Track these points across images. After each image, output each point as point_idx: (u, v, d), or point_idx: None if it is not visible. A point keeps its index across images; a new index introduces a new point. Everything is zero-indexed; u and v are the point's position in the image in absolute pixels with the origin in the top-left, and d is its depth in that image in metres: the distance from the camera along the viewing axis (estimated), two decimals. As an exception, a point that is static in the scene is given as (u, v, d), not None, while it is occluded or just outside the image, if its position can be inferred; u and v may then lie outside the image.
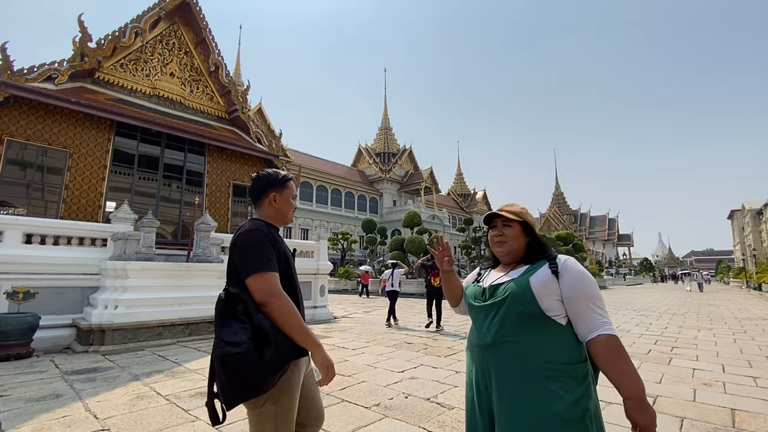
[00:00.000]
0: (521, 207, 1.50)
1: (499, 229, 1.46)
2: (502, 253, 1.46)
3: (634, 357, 5.75)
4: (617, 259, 79.91)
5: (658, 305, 15.62)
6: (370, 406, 3.60)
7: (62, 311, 7.12)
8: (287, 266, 1.57)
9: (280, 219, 1.70)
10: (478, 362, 1.36)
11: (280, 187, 1.68)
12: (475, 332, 1.41)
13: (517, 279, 1.35)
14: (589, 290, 1.28)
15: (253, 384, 1.34)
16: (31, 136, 7.93)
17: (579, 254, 34.34)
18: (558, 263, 1.33)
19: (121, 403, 3.69)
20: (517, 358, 1.26)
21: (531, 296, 1.28)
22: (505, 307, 1.30)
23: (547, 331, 1.27)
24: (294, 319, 1.43)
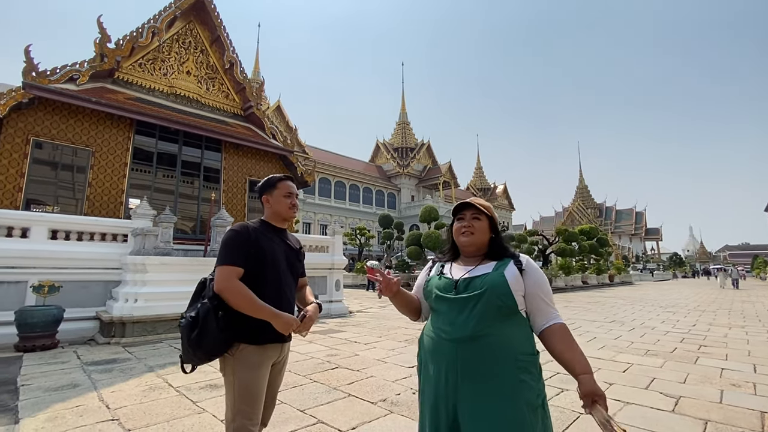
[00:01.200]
0: (488, 203, 1.57)
1: (468, 221, 1.51)
2: (467, 243, 1.49)
3: (658, 355, 5.49)
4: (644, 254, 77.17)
5: (687, 302, 14.97)
6: (376, 401, 3.55)
7: (86, 304, 7.38)
8: (262, 260, 1.75)
9: (277, 216, 1.90)
10: (449, 354, 1.35)
11: (271, 189, 1.89)
12: (446, 325, 1.39)
13: (492, 273, 1.40)
14: (546, 287, 1.43)
15: (187, 353, 1.66)
16: (56, 135, 8.22)
17: (604, 248, 33.29)
18: (522, 261, 1.43)
19: (134, 393, 3.77)
20: (494, 350, 1.30)
21: (508, 290, 1.35)
22: (484, 300, 1.34)
23: (516, 325, 1.36)
24: (243, 301, 1.64)
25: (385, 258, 27.32)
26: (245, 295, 1.66)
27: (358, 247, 34.01)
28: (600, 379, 4.24)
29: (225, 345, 1.69)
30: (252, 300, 1.65)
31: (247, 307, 1.65)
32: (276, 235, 1.89)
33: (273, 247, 1.82)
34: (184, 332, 1.64)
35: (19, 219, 7.06)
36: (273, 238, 1.86)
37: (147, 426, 2.98)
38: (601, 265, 31.64)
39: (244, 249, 1.72)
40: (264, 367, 1.75)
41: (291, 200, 1.92)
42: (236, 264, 1.69)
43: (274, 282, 1.78)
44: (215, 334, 1.64)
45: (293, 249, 1.96)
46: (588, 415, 1.25)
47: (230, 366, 1.71)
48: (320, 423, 3.05)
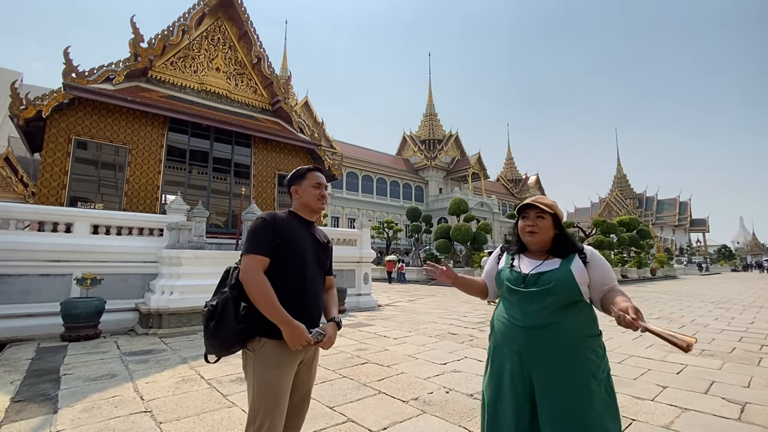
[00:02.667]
0: (552, 201, 1.67)
1: (532, 220, 1.64)
2: (532, 242, 1.64)
3: (715, 356, 5.03)
4: (689, 246, 72.77)
5: (741, 297, 13.87)
6: (408, 399, 3.40)
7: (126, 296, 7.67)
8: (285, 252, 1.68)
9: (305, 207, 1.83)
10: (521, 339, 1.53)
11: (300, 179, 1.83)
12: (517, 314, 1.57)
13: (559, 269, 1.56)
14: (610, 275, 1.59)
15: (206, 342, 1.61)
16: (95, 134, 8.56)
17: (645, 241, 31.55)
18: (586, 254, 1.60)
19: (167, 385, 3.81)
20: (561, 335, 1.49)
21: (576, 286, 1.53)
22: (553, 295, 1.52)
23: (580, 311, 1.55)
24: (261, 297, 1.56)
25: (413, 251, 27.10)
26: (265, 292, 1.58)
27: (386, 241, 33.97)
28: (652, 381, 3.90)
29: (242, 338, 1.61)
30: (269, 298, 1.58)
31: (262, 304, 1.58)
32: (304, 227, 1.81)
33: (300, 239, 1.75)
34: (204, 321, 1.62)
35: (64, 215, 7.39)
36: (301, 229, 1.78)
37: (178, 419, 2.97)
38: (642, 258, 30.01)
39: (270, 238, 1.66)
40: (287, 366, 1.65)
41: (320, 191, 1.85)
42: (262, 253, 1.63)
43: (299, 275, 1.71)
44: (232, 325, 1.57)
45: (321, 243, 1.88)
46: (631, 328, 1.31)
47: (251, 362, 1.64)
48: (350, 421, 2.94)
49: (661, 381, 3.93)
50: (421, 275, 24.31)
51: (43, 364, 4.71)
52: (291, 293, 1.67)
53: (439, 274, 1.78)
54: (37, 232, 7.18)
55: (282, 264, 1.67)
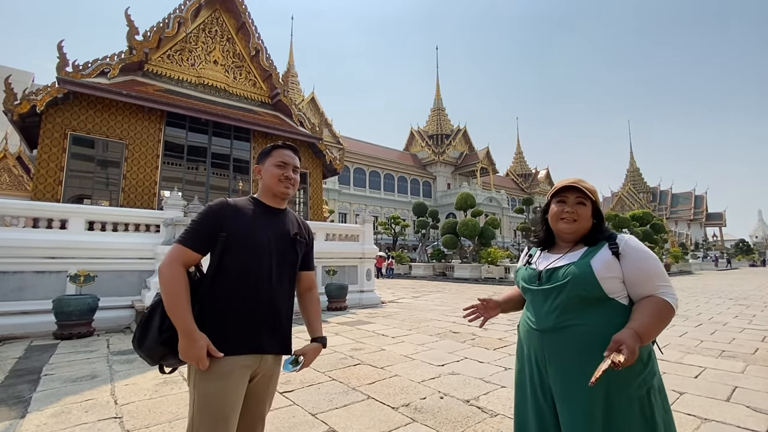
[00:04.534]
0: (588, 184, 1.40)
1: (572, 206, 1.37)
2: (569, 230, 1.38)
3: (736, 357, 4.66)
4: (705, 241, 70.98)
5: (762, 293, 13.29)
6: (398, 406, 3.14)
7: (122, 293, 7.55)
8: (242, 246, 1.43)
9: (266, 191, 1.55)
10: (536, 343, 1.35)
11: (264, 157, 1.56)
12: (532, 315, 1.39)
13: (577, 262, 1.31)
14: (653, 269, 1.26)
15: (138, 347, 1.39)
16: (91, 129, 8.43)
17: (659, 235, 30.73)
18: (619, 244, 1.30)
19: (147, 387, 3.61)
20: (578, 340, 1.25)
21: (593, 280, 1.26)
22: (566, 291, 1.28)
23: (609, 313, 1.26)
24: (165, 293, 1.33)
25: (420, 247, 26.80)
26: (172, 289, 1.33)
27: (393, 237, 33.73)
28: (668, 387, 3.52)
29: (170, 348, 1.35)
30: (175, 297, 1.32)
31: (166, 302, 1.33)
32: (266, 217, 1.52)
33: (255, 231, 1.46)
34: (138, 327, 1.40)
35: (58, 211, 7.28)
36: (259, 219, 1.49)
37: (147, 427, 2.76)
38: (656, 253, 29.23)
39: (209, 230, 1.41)
40: (234, 378, 1.36)
41: (284, 171, 1.53)
42: (192, 246, 1.39)
43: (248, 275, 1.43)
44: (154, 335, 1.35)
45: (287, 233, 1.55)
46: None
47: (191, 374, 1.38)
48: (331, 431, 2.69)
49: (678, 386, 3.60)
50: (428, 271, 24.02)
51: (28, 364, 4.57)
52: (236, 298, 1.40)
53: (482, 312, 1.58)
54: (31, 229, 7.08)
55: (228, 261, 1.41)
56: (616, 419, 1.19)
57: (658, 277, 1.25)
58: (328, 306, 9.12)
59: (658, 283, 1.24)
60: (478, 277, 20.47)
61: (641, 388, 1.21)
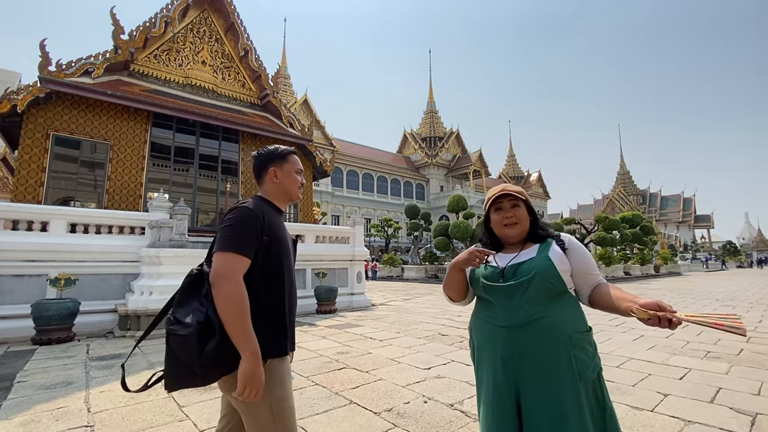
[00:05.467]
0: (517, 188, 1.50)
1: (509, 211, 1.46)
2: (514, 234, 1.46)
3: (721, 358, 4.67)
4: (694, 243, 71.98)
5: (747, 294, 13.46)
6: (380, 411, 3.08)
7: (105, 297, 7.39)
8: (279, 252, 1.44)
9: (283, 196, 1.57)
10: (504, 340, 1.35)
11: (281, 161, 1.55)
12: (498, 312, 1.39)
13: (537, 257, 1.39)
14: (592, 262, 1.43)
15: (188, 371, 1.22)
16: (74, 130, 8.27)
17: (648, 237, 31.04)
18: (565, 241, 1.45)
19: (123, 394, 3.50)
20: (548, 332, 1.31)
21: (555, 272, 1.35)
22: (534, 285, 1.33)
23: (566, 304, 1.37)
24: (233, 310, 1.22)
25: (413, 249, 26.77)
26: (242, 305, 1.25)
27: (386, 239, 33.68)
28: (652, 389, 3.55)
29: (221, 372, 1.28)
30: (243, 315, 1.24)
31: (233, 318, 1.22)
32: (281, 219, 1.56)
33: (285, 235, 1.50)
34: (191, 344, 1.19)
35: (39, 213, 7.10)
36: (282, 223, 1.54)
37: (118, 436, 2.67)
38: (646, 254, 29.51)
39: (256, 235, 1.35)
40: (287, 378, 1.43)
41: (301, 179, 1.61)
42: (246, 253, 1.31)
43: (285, 282, 1.45)
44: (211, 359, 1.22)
45: (293, 239, 1.61)
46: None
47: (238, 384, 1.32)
48: (309, 438, 2.62)
49: (662, 388, 3.58)
50: (420, 274, 23.99)
51: (2, 371, 4.42)
52: (281, 299, 1.42)
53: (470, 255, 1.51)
54: (10, 231, 6.90)
55: (270, 265, 1.40)
56: (582, 403, 1.27)
57: (596, 268, 1.45)
58: (317, 309, 9.03)
59: (596, 272, 1.43)
60: (469, 279, 20.47)
61: (594, 371, 1.33)
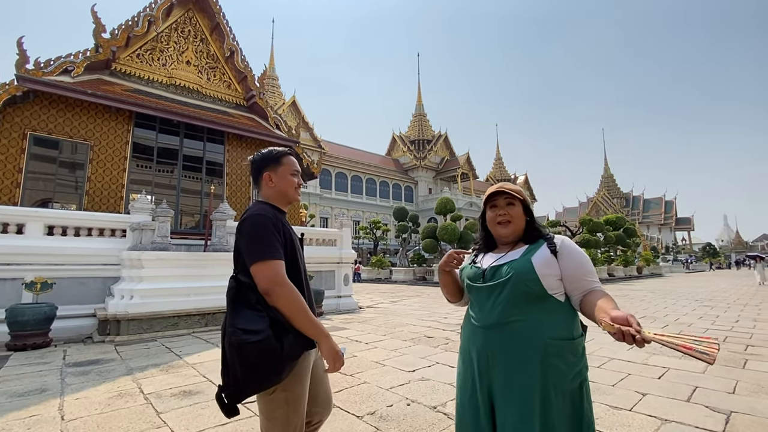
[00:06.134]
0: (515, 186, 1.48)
1: (503, 209, 1.44)
2: (506, 233, 1.44)
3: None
4: (675, 245, 73.77)
5: (725, 295, 13.83)
6: (363, 414, 3.06)
7: (84, 301, 7.20)
8: (293, 252, 1.51)
9: (281, 198, 1.59)
10: (481, 342, 1.36)
11: (275, 164, 1.58)
12: (477, 313, 1.42)
13: (518, 259, 1.37)
14: (586, 267, 1.34)
15: (272, 373, 1.32)
16: (53, 129, 8.05)
17: (631, 239, 31.71)
18: (556, 243, 1.38)
19: (99, 401, 3.41)
20: (520, 336, 1.29)
21: (534, 276, 1.31)
22: (509, 287, 1.32)
23: (548, 309, 1.32)
24: (300, 308, 1.37)
25: (401, 251, 26.79)
26: (303, 303, 1.39)
27: (374, 241, 33.66)
28: (631, 388, 3.62)
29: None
30: (306, 309, 1.40)
31: (301, 316, 1.37)
32: (286, 220, 1.61)
33: (293, 238, 1.56)
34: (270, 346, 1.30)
35: (14, 215, 6.90)
36: (289, 225, 1.59)
37: (92, 444, 2.59)
38: (629, 256, 30.12)
39: (278, 238, 1.44)
40: (310, 371, 1.52)
41: (298, 179, 1.64)
42: (280, 257, 1.41)
43: (297, 279, 1.49)
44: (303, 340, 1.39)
45: (298, 236, 1.67)
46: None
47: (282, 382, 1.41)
48: (290, 443, 2.58)
49: (641, 387, 3.65)
50: (408, 276, 24.02)
51: (-27, 378, 4.26)
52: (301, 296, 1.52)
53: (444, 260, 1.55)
54: (-16, 234, 6.68)
55: (289, 270, 1.45)
56: (551, 412, 1.23)
57: (592, 274, 1.34)
58: (304, 312, 8.95)
59: (592, 278, 1.33)
60: (457, 281, 20.57)
61: (575, 380, 1.27)
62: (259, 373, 1.31)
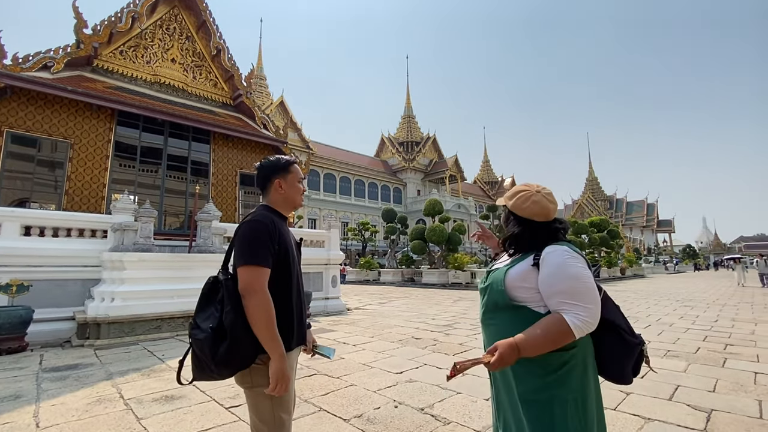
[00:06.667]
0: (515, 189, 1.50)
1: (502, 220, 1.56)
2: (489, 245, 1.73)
3: (680, 357, 4.88)
4: (657, 246, 75.54)
5: (705, 295, 14.20)
6: (350, 417, 3.02)
7: (63, 304, 6.98)
8: (286, 258, 1.55)
9: (288, 204, 1.67)
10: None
11: (284, 173, 1.65)
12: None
13: (501, 268, 1.41)
14: (556, 285, 1.24)
15: (206, 370, 1.42)
16: (31, 127, 7.81)
17: (615, 241, 32.34)
18: (540, 255, 1.31)
19: (76, 407, 3.30)
20: (495, 338, 1.31)
21: (501, 288, 1.34)
22: (487, 294, 1.41)
23: (518, 318, 1.30)
24: (264, 319, 1.40)
25: (389, 253, 26.78)
26: (270, 314, 1.42)
27: (362, 243, 33.58)
28: (615, 387, 3.65)
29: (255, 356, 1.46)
30: (271, 322, 1.42)
31: (263, 326, 1.40)
32: (285, 226, 1.65)
33: (291, 242, 1.62)
34: (206, 347, 1.37)
35: (-12, 215, 6.65)
36: (288, 232, 1.65)
37: (68, 452, 2.50)
38: (612, 257, 30.71)
39: (270, 245, 1.48)
40: (294, 369, 1.58)
41: (303, 187, 1.74)
42: (266, 265, 1.46)
43: (297, 286, 1.60)
44: (248, 347, 1.41)
45: (297, 242, 1.73)
46: None
47: (261, 374, 1.46)
48: (275, 448, 2.53)
49: (624, 386, 3.69)
50: (396, 277, 24.02)
51: (-58, 385, 4.08)
52: (290, 300, 1.56)
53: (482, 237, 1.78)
54: (-44, 235, 6.42)
55: (280, 270, 1.52)
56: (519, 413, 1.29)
57: (561, 294, 1.22)
58: (291, 314, 8.85)
59: (560, 299, 1.22)
60: (445, 282, 20.66)
61: (542, 393, 1.24)
62: (198, 367, 1.43)
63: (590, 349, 1.32)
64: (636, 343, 1.32)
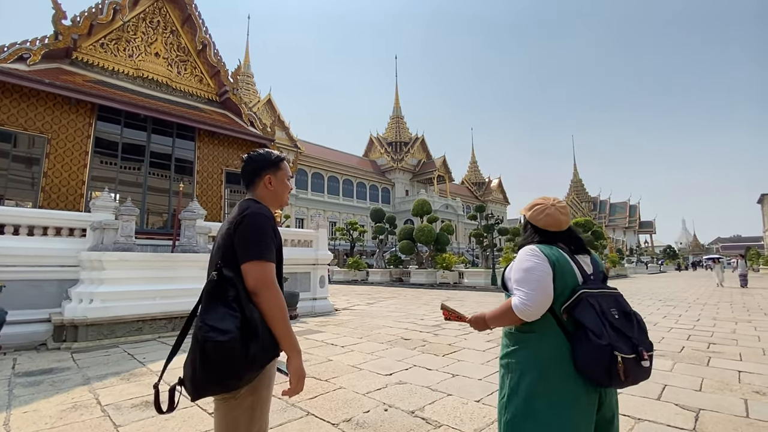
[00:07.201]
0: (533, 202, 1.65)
1: None
2: None
3: (665, 356, 4.94)
4: (638, 247, 77.28)
5: (686, 294, 14.53)
6: (338, 422, 2.94)
7: (38, 305, 6.69)
8: (280, 256, 1.50)
9: (276, 201, 1.61)
10: None
11: (275, 168, 1.58)
12: None
13: None
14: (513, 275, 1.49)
15: (230, 377, 1.25)
16: (5, 121, 7.48)
17: (599, 242, 32.91)
18: None
19: (50, 414, 3.14)
20: None
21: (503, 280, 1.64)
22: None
23: None
24: (282, 315, 1.36)
25: (378, 253, 26.71)
26: (283, 308, 1.37)
27: (351, 242, 33.44)
28: (604, 388, 3.66)
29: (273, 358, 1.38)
30: (287, 317, 1.38)
31: (281, 322, 1.35)
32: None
33: (281, 242, 1.55)
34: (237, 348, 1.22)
35: (-41, 212, 6.35)
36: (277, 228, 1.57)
37: (39, 463, 2.36)
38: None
39: (273, 240, 1.44)
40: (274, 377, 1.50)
41: (291, 184, 1.72)
42: (273, 260, 1.42)
43: (280, 278, 1.52)
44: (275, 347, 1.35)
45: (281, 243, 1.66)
46: None
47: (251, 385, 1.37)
48: (261, 455, 2.44)
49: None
50: (385, 277, 23.96)
51: None
52: None
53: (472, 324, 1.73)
54: (-77, 233, 6.10)
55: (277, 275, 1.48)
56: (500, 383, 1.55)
57: (514, 282, 1.47)
58: (277, 315, 8.70)
59: (513, 285, 1.47)
60: (433, 282, 20.69)
61: (503, 358, 1.54)
62: (217, 375, 1.24)
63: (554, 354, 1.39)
64: (602, 344, 1.25)
